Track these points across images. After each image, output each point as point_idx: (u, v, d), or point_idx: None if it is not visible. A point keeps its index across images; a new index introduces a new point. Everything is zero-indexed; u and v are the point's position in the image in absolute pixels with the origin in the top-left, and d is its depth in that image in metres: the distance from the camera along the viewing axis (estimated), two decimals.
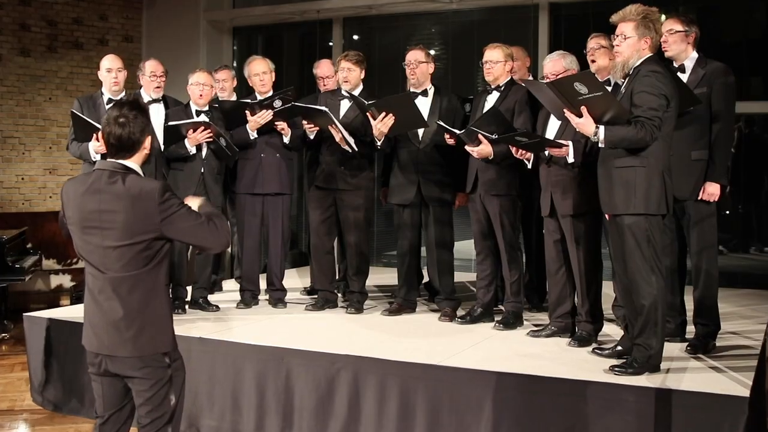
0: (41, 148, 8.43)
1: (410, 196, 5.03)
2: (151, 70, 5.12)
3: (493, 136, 4.43)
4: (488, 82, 4.79)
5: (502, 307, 4.93)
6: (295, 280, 6.51)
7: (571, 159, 4.16)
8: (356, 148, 4.96)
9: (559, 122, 4.27)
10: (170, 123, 4.96)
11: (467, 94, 5.79)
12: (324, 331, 4.70)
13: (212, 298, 5.64)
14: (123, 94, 5.06)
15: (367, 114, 4.84)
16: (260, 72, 5.29)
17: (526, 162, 4.45)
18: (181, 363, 2.83)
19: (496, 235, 4.74)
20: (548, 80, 4.21)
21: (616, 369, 3.68)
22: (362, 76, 5.15)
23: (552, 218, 4.39)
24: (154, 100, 5.14)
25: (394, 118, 4.73)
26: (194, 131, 4.94)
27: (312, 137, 5.14)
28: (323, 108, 4.92)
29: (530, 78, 5.48)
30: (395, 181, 5.13)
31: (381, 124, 4.77)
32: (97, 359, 2.76)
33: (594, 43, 4.56)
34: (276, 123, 5.15)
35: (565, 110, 3.76)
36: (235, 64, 8.54)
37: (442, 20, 8.00)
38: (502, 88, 4.75)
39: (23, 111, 8.34)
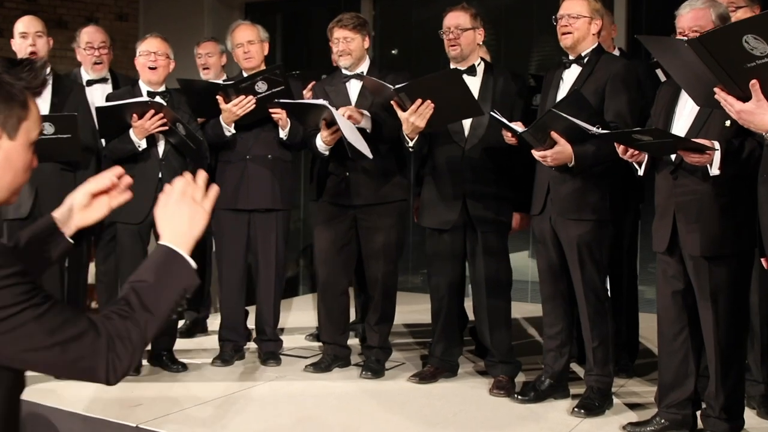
0: None
1: (452, 216, 3.59)
2: (86, 40, 3.93)
3: (595, 129, 2.90)
4: (566, 49, 3.30)
5: (575, 367, 3.60)
6: (304, 313, 5.14)
7: (715, 171, 2.64)
8: (369, 155, 3.52)
9: (694, 108, 2.74)
10: (103, 104, 3.66)
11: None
12: (325, 414, 3.28)
13: (191, 343, 4.39)
14: (48, 70, 3.77)
15: (392, 103, 3.42)
16: (244, 41, 3.84)
17: (636, 167, 2.95)
18: None
19: (572, 277, 3.28)
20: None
21: None
22: (366, 46, 3.74)
23: (672, 257, 2.88)
24: (96, 80, 3.95)
25: (433, 106, 3.31)
26: (141, 117, 3.58)
27: (327, 152, 3.72)
28: (322, 102, 3.51)
29: (616, 52, 3.99)
30: (429, 195, 3.69)
31: (415, 117, 3.33)
32: None
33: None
34: (271, 111, 3.74)
35: (716, 89, 2.25)
36: None
37: None
38: (586, 60, 3.27)
39: None
